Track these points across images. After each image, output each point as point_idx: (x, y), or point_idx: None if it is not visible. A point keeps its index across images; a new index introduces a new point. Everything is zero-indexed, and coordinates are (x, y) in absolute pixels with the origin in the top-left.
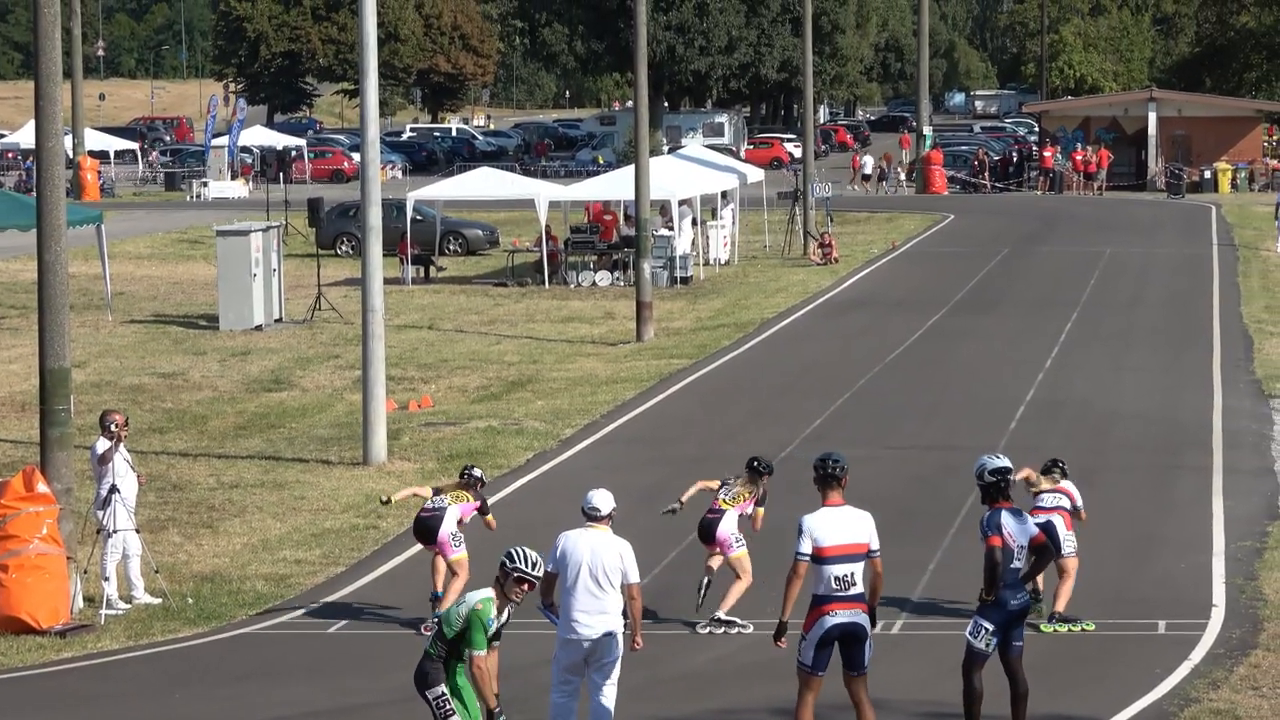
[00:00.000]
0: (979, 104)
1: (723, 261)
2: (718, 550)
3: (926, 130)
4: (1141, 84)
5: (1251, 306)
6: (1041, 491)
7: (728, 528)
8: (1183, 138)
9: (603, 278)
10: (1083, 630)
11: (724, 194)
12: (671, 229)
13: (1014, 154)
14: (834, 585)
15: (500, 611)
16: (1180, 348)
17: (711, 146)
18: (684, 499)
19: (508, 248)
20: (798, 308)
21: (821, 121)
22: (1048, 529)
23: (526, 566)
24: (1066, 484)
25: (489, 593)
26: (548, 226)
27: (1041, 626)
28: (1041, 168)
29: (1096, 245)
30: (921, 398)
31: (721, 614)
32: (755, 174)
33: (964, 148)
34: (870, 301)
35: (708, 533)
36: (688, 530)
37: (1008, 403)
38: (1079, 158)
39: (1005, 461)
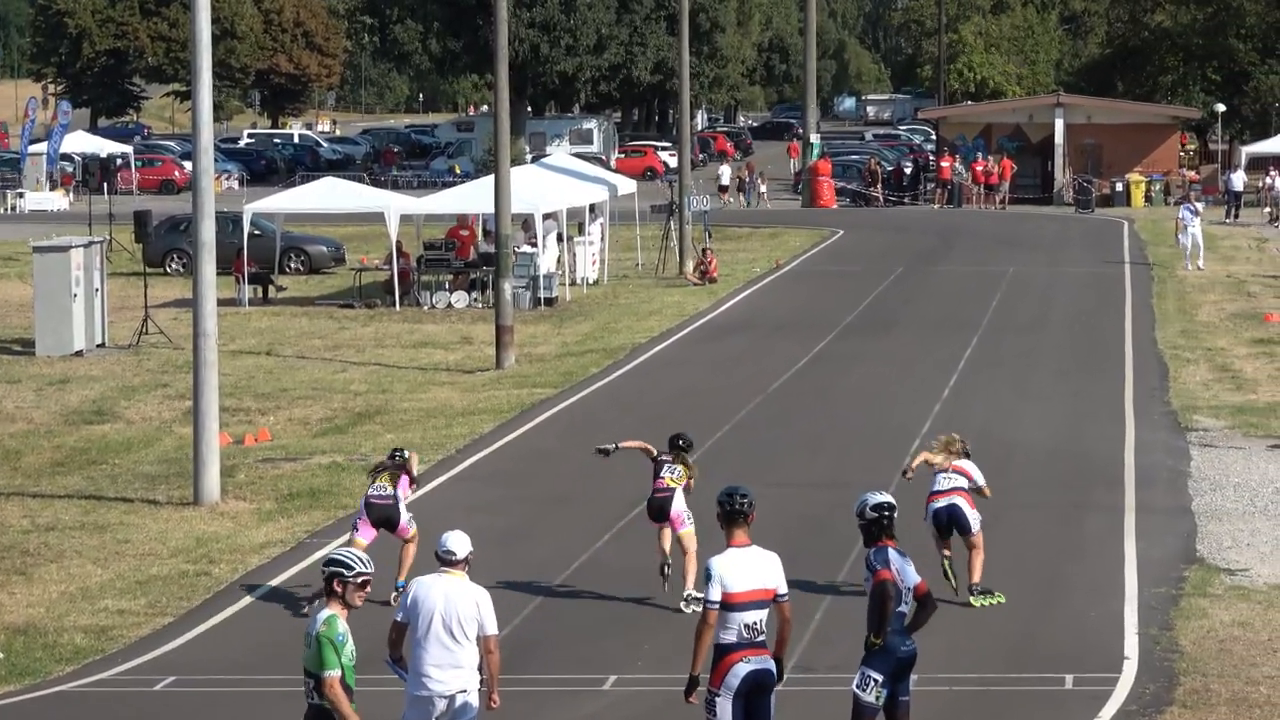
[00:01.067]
0: (871, 109)
1: (591, 281)
2: (668, 527)
3: (814, 138)
4: (1048, 88)
5: (1167, 330)
6: (938, 472)
7: (680, 505)
8: (1092, 147)
9: (459, 299)
10: (997, 603)
11: (592, 207)
12: (535, 245)
13: (909, 164)
14: (744, 633)
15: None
16: (1090, 375)
17: (579, 155)
18: (623, 445)
19: (355, 266)
20: (673, 331)
21: (699, 128)
22: (952, 512)
23: (363, 566)
24: (964, 463)
25: (330, 610)
26: (399, 242)
27: (972, 602)
28: (939, 179)
29: (999, 263)
30: (807, 430)
31: (694, 591)
32: (627, 185)
33: (854, 157)
34: (752, 324)
35: (660, 511)
36: (551, 573)
37: (902, 434)
38: (980, 168)
39: (887, 497)
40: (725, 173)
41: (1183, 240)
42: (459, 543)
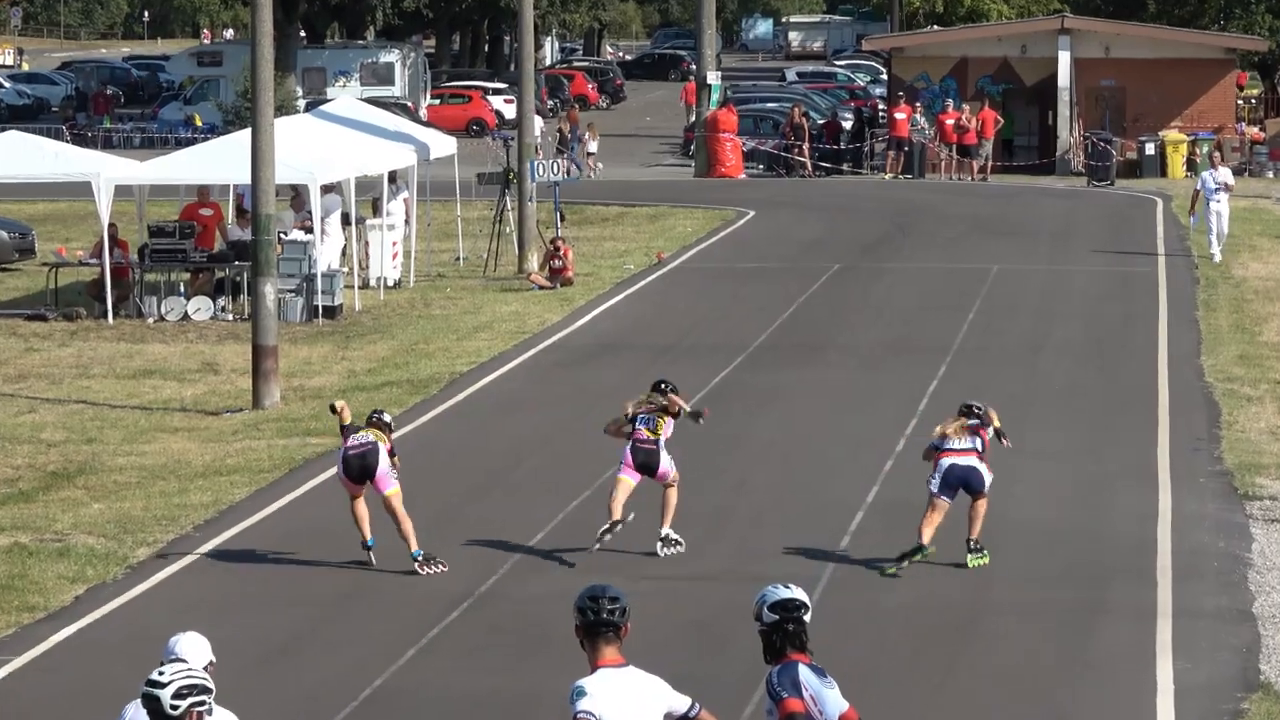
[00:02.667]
0: (795, 38)
1: (391, 283)
2: (631, 484)
3: (712, 78)
4: (1048, 7)
5: (1218, 356)
6: (948, 434)
7: (668, 459)
8: (1112, 92)
9: (199, 308)
10: (983, 565)
11: (393, 177)
12: (310, 232)
13: (848, 116)
14: None
15: None
16: (1109, 421)
17: (374, 101)
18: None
19: (50, 259)
20: (509, 355)
21: (548, 63)
22: (969, 475)
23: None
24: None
25: None
26: (113, 226)
27: (969, 562)
28: (892, 137)
29: (978, 259)
30: (700, 499)
31: (670, 530)
32: (444, 144)
33: (771, 105)
34: (624, 346)
35: (649, 467)
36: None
37: (837, 506)
38: (950, 122)
39: (797, 593)
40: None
41: (1209, 221)
42: (193, 648)
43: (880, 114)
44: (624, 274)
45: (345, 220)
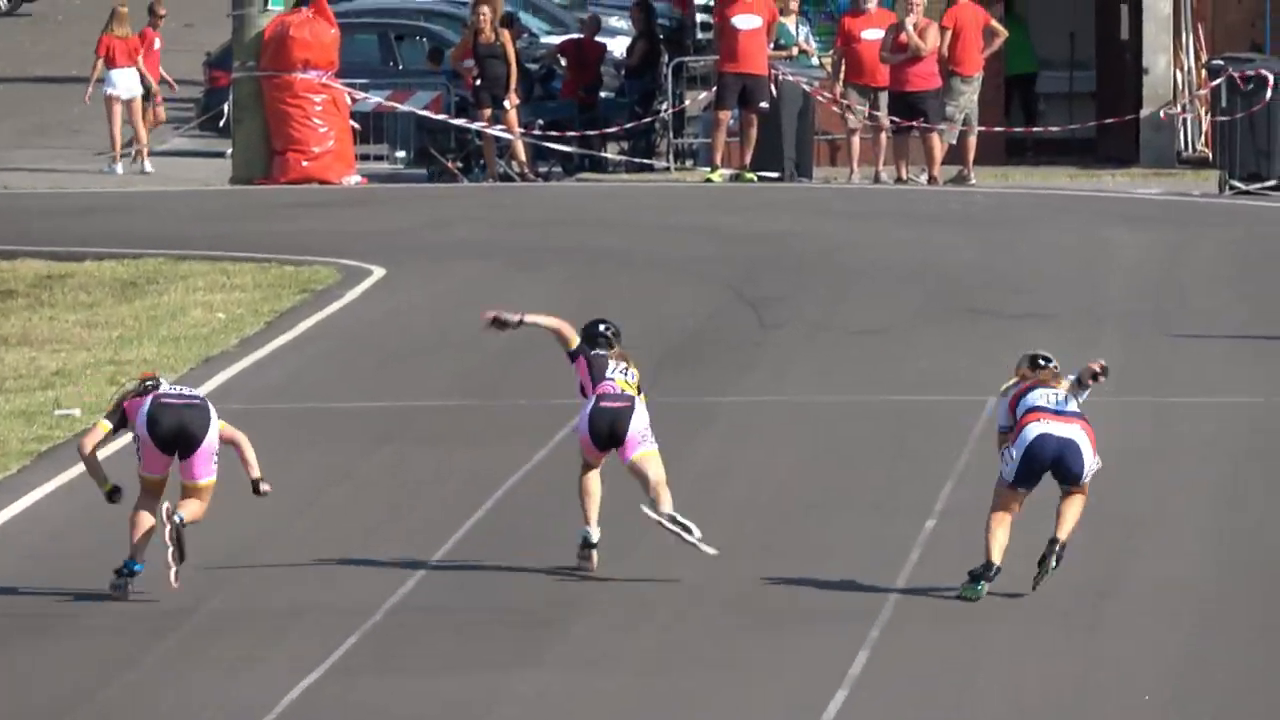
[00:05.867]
0: None
1: None
2: (599, 462)
3: None
4: None
5: None
6: (1035, 386)
7: (643, 419)
8: None
9: None
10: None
11: None
12: None
13: (622, 27)
14: None
15: None
16: None
17: None
18: (531, 320)
19: None
20: None
21: None
22: (1065, 452)
23: None
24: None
25: None
26: None
27: (1049, 563)
28: (727, 75)
29: (944, 391)
30: None
31: (671, 510)
32: None
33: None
34: None
35: (615, 432)
36: None
37: None
38: (871, 34)
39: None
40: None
41: None
42: None
43: (699, 22)
44: (50, 439)
45: None
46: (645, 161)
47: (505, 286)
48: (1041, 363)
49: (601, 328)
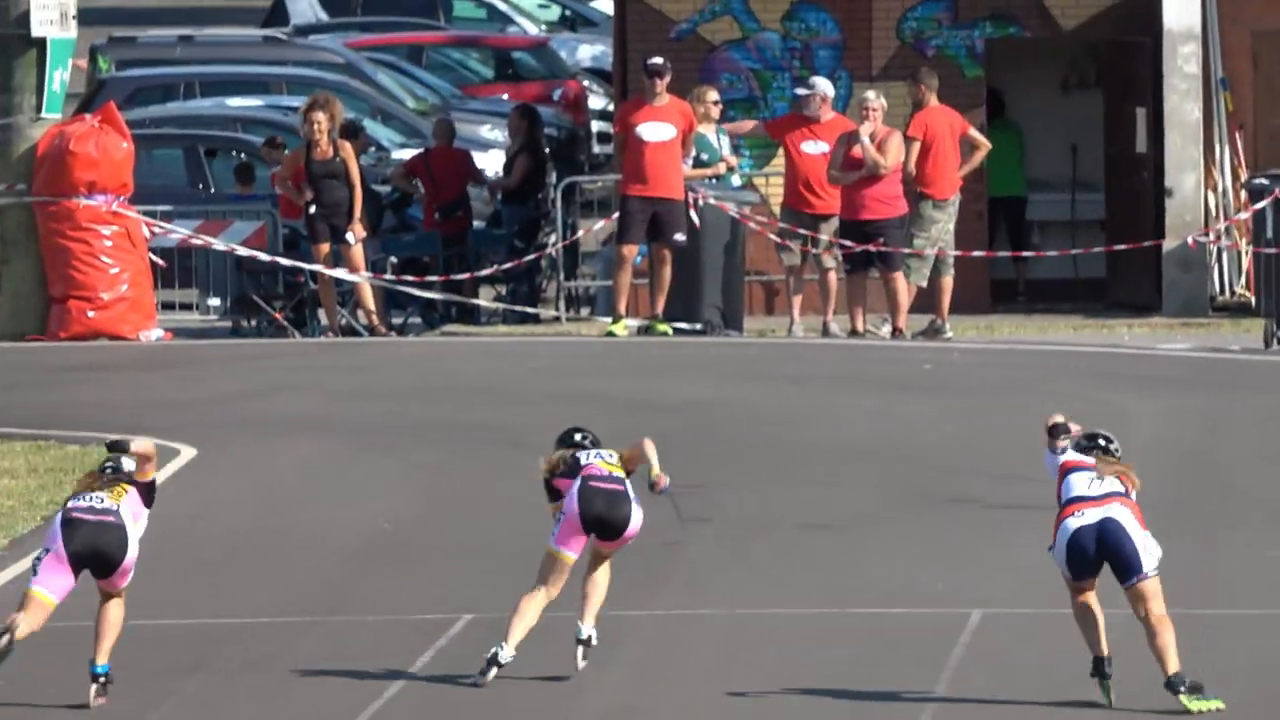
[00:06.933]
0: None
1: None
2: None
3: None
4: None
5: None
6: (1075, 470)
7: (639, 514)
8: None
9: None
10: (1217, 709)
11: None
12: None
13: (495, 136)
14: None
15: None
16: None
17: None
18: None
19: None
20: None
21: None
22: (1105, 532)
23: None
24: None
25: None
26: None
27: (1186, 704)
28: (631, 200)
29: (936, 603)
30: None
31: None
32: None
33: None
34: None
35: (611, 519)
36: None
37: None
38: (814, 147)
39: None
40: None
41: None
42: None
43: (596, 131)
44: None
45: None
46: (529, 310)
47: (347, 472)
48: (1102, 443)
49: (578, 437)
